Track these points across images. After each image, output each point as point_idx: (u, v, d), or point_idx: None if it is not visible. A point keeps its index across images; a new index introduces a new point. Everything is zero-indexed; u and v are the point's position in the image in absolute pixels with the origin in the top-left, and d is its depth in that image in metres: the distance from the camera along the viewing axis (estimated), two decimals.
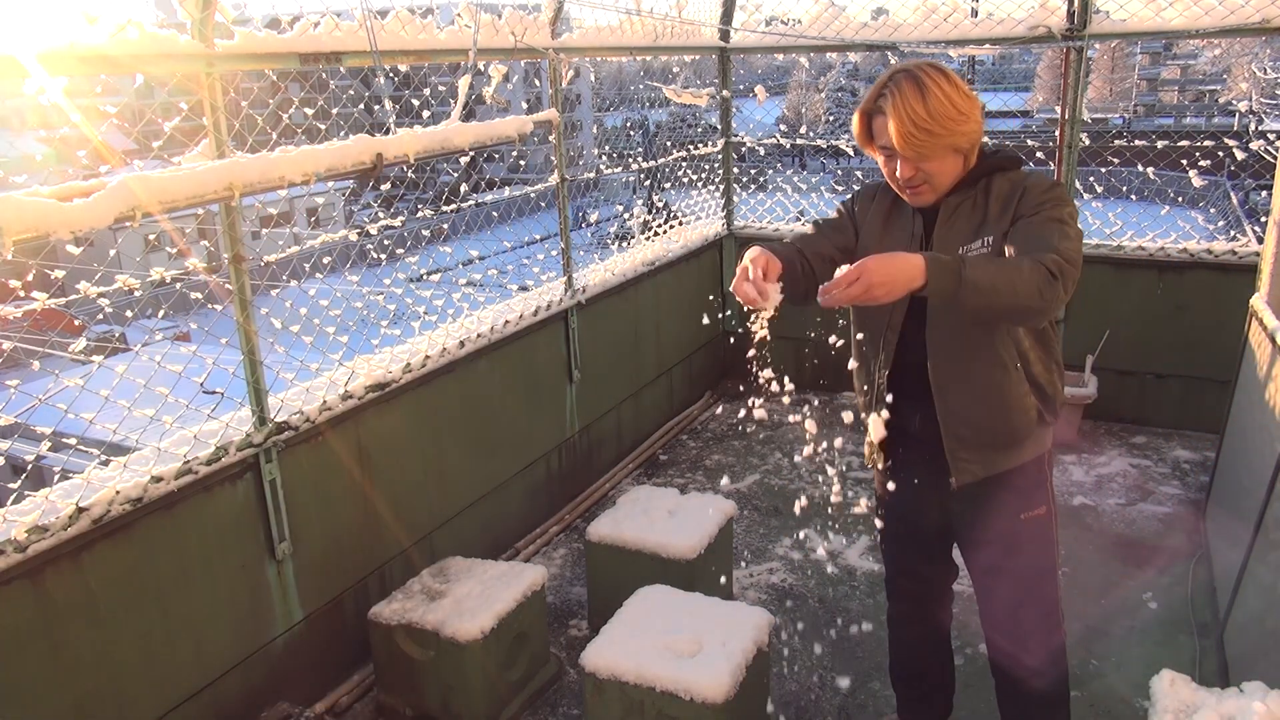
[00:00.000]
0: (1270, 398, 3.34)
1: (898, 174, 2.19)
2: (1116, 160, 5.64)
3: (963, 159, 2.19)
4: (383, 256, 4.08)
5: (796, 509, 4.67)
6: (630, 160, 5.89)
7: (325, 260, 4.04)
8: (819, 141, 7.07)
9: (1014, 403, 2.28)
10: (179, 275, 2.87)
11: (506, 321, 4.24)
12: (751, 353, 2.30)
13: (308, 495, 3.27)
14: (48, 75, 2.25)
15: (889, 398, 2.40)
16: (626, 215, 5.96)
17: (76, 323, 18.95)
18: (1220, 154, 5.54)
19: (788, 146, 6.97)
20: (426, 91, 4.12)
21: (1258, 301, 3.91)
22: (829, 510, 4.64)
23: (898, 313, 2.34)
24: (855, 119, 2.22)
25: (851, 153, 6.52)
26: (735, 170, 6.34)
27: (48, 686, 2.49)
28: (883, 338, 2.39)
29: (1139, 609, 3.73)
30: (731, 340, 6.48)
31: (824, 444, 5.43)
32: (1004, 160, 2.23)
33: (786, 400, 2.35)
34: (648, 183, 6.15)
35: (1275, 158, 4.11)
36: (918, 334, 2.32)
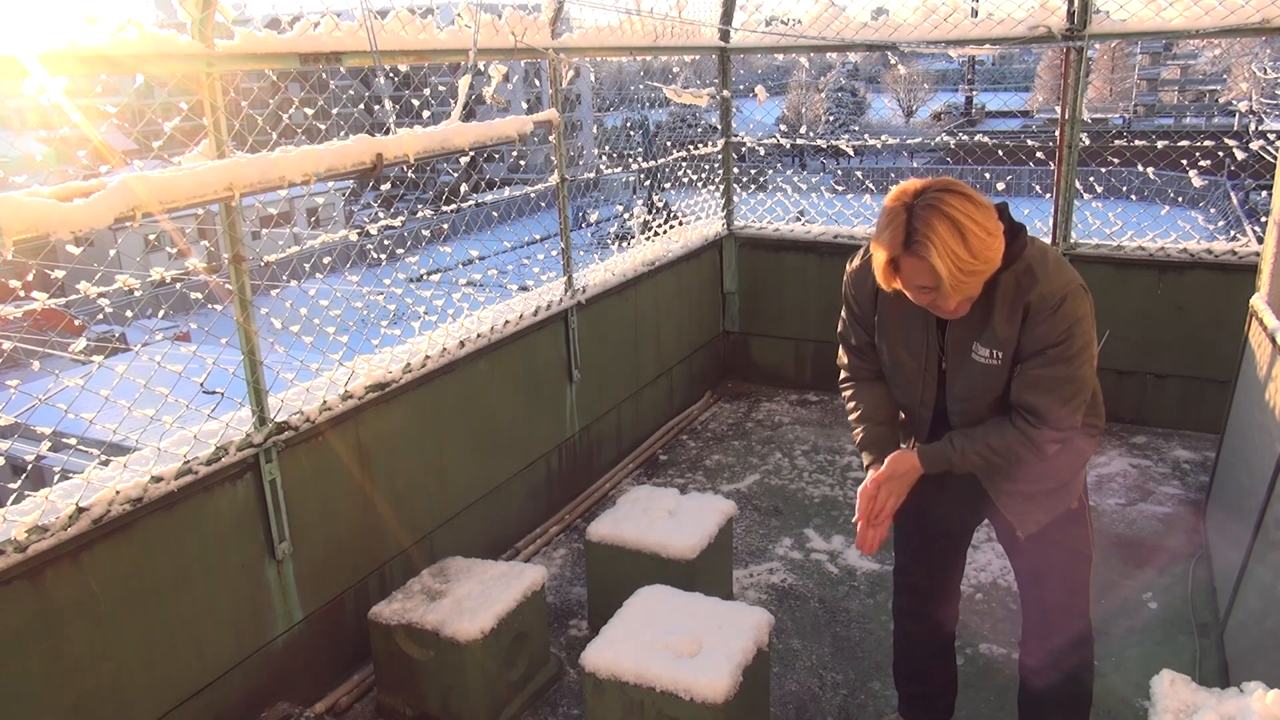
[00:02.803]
0: (1270, 398, 3.34)
1: (940, 304, 2.12)
2: (1116, 160, 5.65)
3: (979, 282, 2.12)
4: (383, 256, 4.08)
5: (797, 509, 4.67)
6: (630, 160, 5.89)
7: (325, 260, 4.03)
8: (819, 141, 7.07)
9: (1067, 450, 2.31)
10: (179, 275, 2.87)
11: (506, 321, 4.24)
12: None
13: (308, 495, 3.27)
14: (48, 75, 2.25)
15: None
16: (626, 215, 5.96)
17: (76, 323, 18.94)
18: (1220, 154, 5.54)
19: (788, 146, 6.97)
20: (426, 91, 4.12)
21: (1258, 301, 3.91)
22: (830, 510, 4.64)
23: (928, 390, 2.38)
24: (880, 264, 2.08)
25: (851, 153, 6.52)
26: (735, 170, 6.34)
27: (48, 686, 2.50)
28: (916, 413, 2.47)
29: (1139, 609, 3.73)
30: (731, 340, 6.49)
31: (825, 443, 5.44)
32: (1009, 256, 2.12)
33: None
34: (648, 183, 6.15)
35: (1275, 158, 4.11)
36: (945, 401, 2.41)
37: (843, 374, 2.60)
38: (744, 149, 6.45)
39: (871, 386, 2.53)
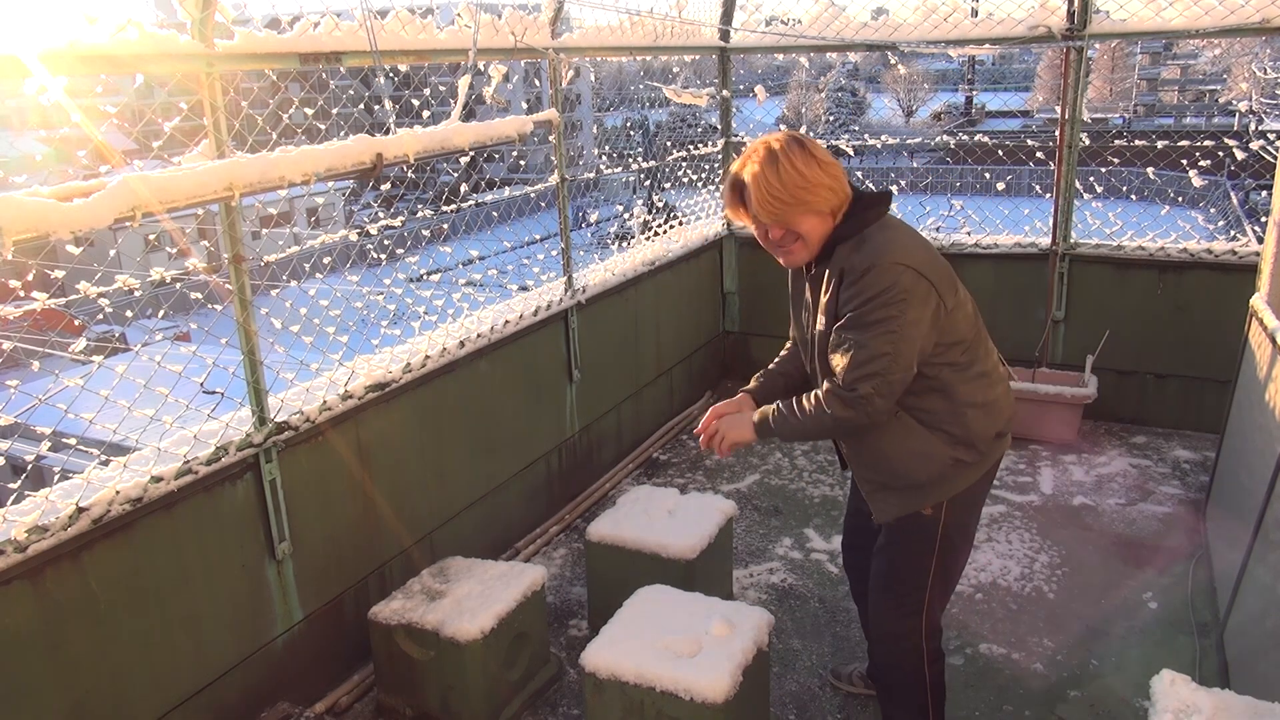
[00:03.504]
0: (1270, 398, 3.34)
1: (769, 236, 2.39)
2: (1116, 160, 5.65)
3: (829, 219, 2.34)
4: (383, 256, 4.08)
5: (796, 509, 4.67)
6: (630, 160, 5.89)
7: (325, 260, 4.03)
8: (819, 141, 7.06)
9: (912, 449, 2.42)
10: (179, 275, 2.87)
11: (506, 321, 4.24)
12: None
13: (308, 495, 3.27)
14: (48, 75, 2.25)
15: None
16: (626, 215, 5.96)
17: (76, 323, 18.94)
18: (1220, 154, 5.54)
19: None
20: (426, 91, 4.12)
21: (1258, 301, 3.91)
22: (830, 510, 4.64)
23: (809, 360, 2.58)
24: (727, 191, 2.43)
25: (851, 152, 6.52)
26: None
27: (47, 686, 2.50)
28: (814, 383, 2.63)
29: (1139, 609, 3.74)
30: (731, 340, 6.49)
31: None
32: (847, 229, 2.34)
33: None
34: (648, 183, 6.15)
35: (1275, 158, 4.11)
36: None
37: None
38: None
39: (796, 353, 2.82)
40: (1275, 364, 3.35)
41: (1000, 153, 7.51)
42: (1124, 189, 6.43)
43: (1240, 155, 5.16)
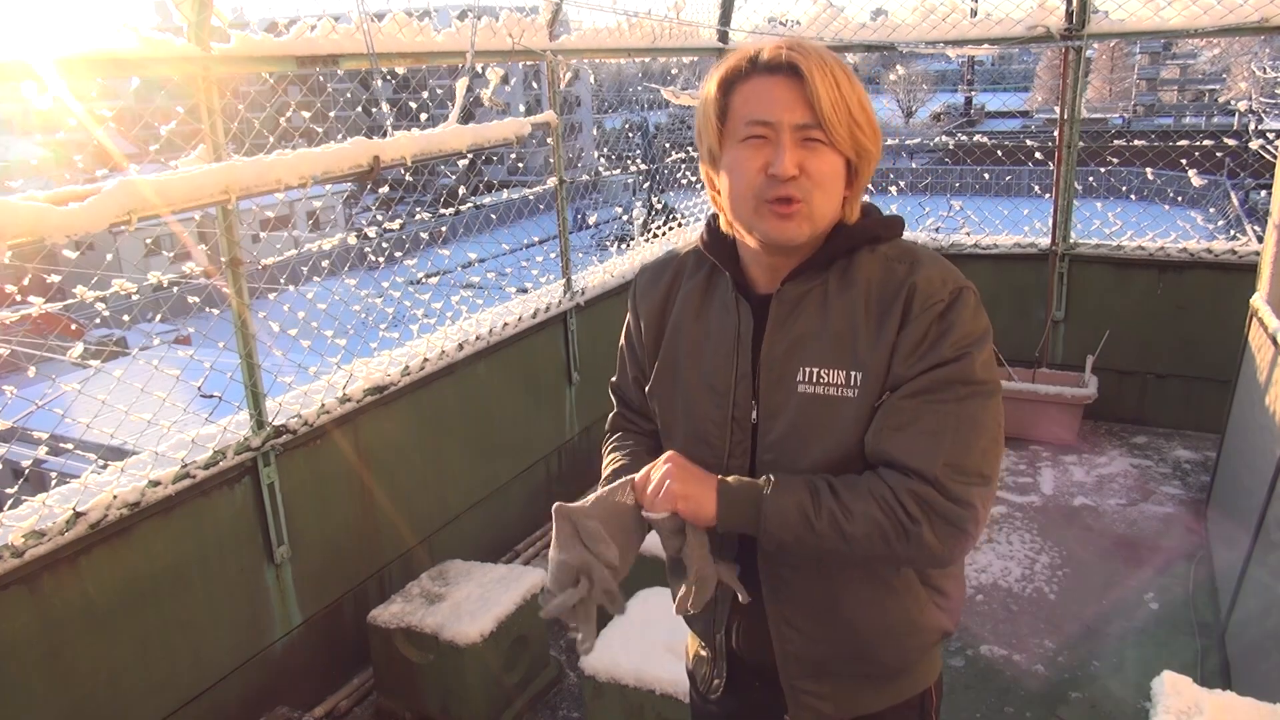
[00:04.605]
0: (1271, 398, 3.33)
1: (775, 168, 1.29)
2: (1116, 160, 5.65)
3: (840, 202, 1.36)
4: (381, 259, 4.08)
5: None
6: (630, 162, 5.89)
7: (324, 263, 4.03)
8: None
9: (895, 621, 1.45)
10: (176, 279, 2.87)
11: (505, 324, 4.23)
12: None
13: (306, 499, 3.26)
14: (46, 80, 2.25)
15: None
16: (626, 217, 5.96)
17: (74, 327, 18.95)
18: (1220, 154, 5.54)
19: None
20: (424, 94, 4.12)
21: (1258, 301, 3.91)
22: None
23: (736, 447, 1.46)
24: (711, 86, 1.37)
25: None
26: None
27: (45, 692, 2.49)
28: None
29: (1139, 609, 3.73)
30: None
31: None
32: (876, 225, 1.40)
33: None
34: (646, 185, 6.15)
35: (1275, 157, 4.10)
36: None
37: (609, 434, 1.72)
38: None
39: (646, 439, 1.66)
40: (1276, 364, 3.35)
41: (1000, 153, 7.51)
42: (1124, 189, 6.44)
43: (1240, 154, 5.16)
